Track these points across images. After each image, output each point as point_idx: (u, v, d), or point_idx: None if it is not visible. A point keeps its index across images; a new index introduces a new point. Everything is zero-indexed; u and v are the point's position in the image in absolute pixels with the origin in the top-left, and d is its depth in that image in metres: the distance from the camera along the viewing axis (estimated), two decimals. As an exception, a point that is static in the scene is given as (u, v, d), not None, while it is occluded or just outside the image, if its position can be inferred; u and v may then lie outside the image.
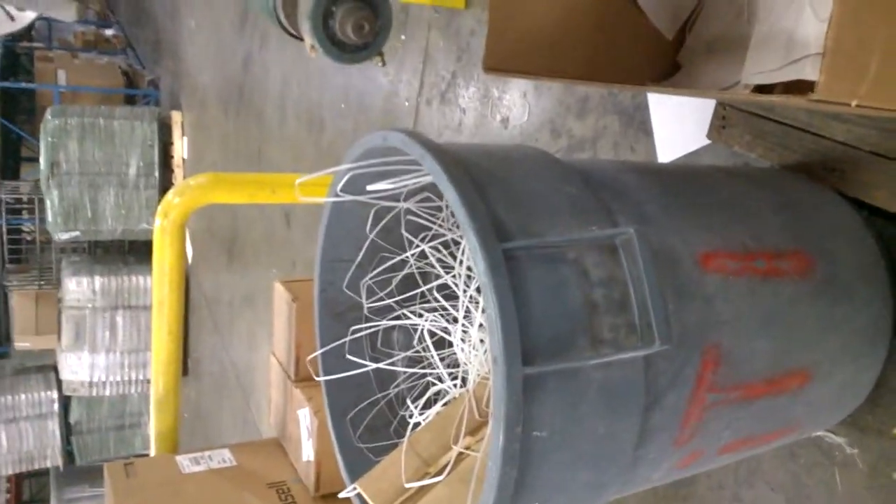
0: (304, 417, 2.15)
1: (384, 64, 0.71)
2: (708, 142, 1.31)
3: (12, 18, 5.33)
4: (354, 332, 1.00)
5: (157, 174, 5.58)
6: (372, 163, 0.87)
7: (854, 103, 0.66)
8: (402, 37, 2.29)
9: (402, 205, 0.97)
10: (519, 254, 0.66)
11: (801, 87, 1.03)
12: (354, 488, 0.83)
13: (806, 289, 0.89)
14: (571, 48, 1.14)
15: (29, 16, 5.40)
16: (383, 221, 0.99)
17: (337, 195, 0.92)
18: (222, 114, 4.78)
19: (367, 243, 1.00)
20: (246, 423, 4.51)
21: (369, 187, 0.84)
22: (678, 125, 1.41)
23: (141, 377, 6.03)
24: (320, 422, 2.03)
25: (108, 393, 6.03)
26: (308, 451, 2.13)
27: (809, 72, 0.98)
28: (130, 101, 6.82)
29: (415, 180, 0.80)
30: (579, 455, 0.70)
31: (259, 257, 4.22)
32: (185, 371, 5.90)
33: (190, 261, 5.54)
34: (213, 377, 5.37)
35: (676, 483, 1.43)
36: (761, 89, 1.07)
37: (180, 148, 5.66)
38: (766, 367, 0.84)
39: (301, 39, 0.68)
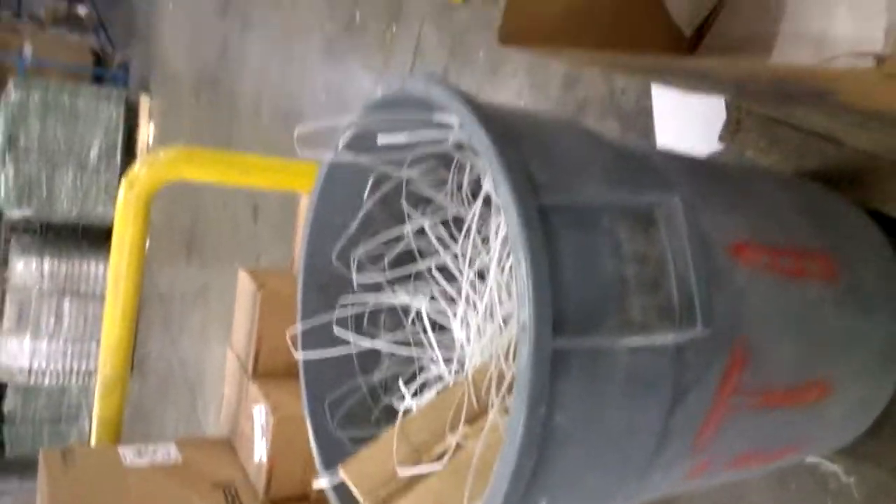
0: (260, 415, 2.04)
1: None
2: (714, 148, 1.26)
3: None
4: (342, 305, 0.91)
5: (118, 158, 5.41)
6: (379, 119, 0.79)
7: (925, 81, 0.60)
8: (394, 28, 2.23)
9: (405, 172, 0.89)
10: (552, 213, 0.59)
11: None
12: (335, 475, 0.74)
13: (831, 294, 0.84)
14: (585, 37, 1.08)
15: None
16: (382, 190, 0.92)
17: (338, 153, 0.84)
18: (194, 100, 4.65)
19: (362, 212, 0.92)
20: (190, 425, 4.35)
21: (381, 138, 0.76)
22: (684, 130, 1.36)
23: (84, 368, 5.80)
24: (276, 420, 1.92)
25: (47, 382, 5.78)
26: (260, 451, 2.01)
27: (842, 71, 0.94)
28: (98, 81, 6.61)
29: (433, 136, 0.72)
30: (597, 451, 0.62)
31: (220, 251, 4.09)
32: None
33: (145, 252, 5.36)
34: (159, 375, 5.18)
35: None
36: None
37: (146, 133, 5.50)
38: (791, 374, 0.79)
39: None
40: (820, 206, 0.96)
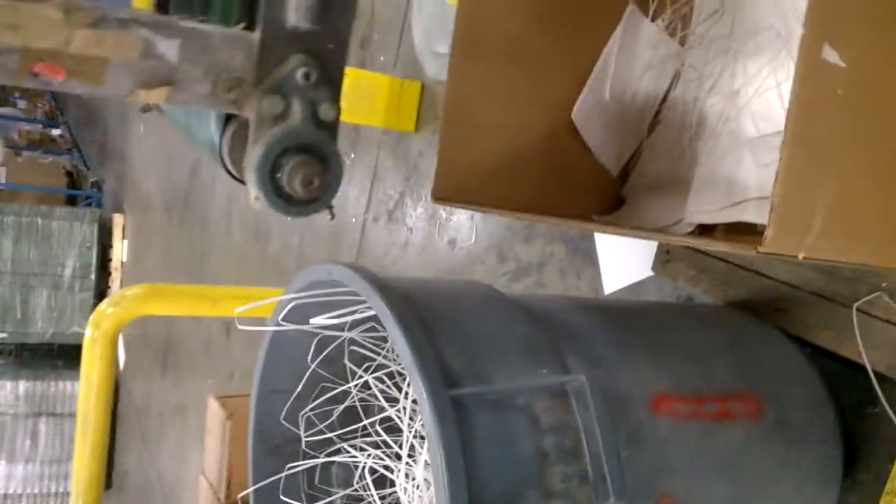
0: (233, 545, 2.02)
1: (333, 217, 0.70)
2: (648, 276, 1.32)
3: None
4: (290, 468, 0.94)
5: (93, 276, 5.44)
6: (316, 294, 0.84)
7: (801, 256, 0.66)
8: (352, 155, 2.32)
9: (346, 334, 0.94)
10: (467, 400, 0.63)
11: (742, 228, 1.05)
12: None
13: (758, 431, 0.88)
14: (519, 181, 1.15)
15: None
16: (326, 351, 0.96)
17: (278, 324, 0.89)
18: (166, 219, 4.72)
19: (307, 373, 0.95)
20: (170, 545, 4.24)
21: (312, 320, 0.80)
22: (623, 256, 1.43)
23: (61, 490, 5.68)
24: (250, 551, 1.90)
25: (22, 507, 5.64)
26: (235, 584, 1.99)
27: (751, 214, 1.01)
28: (72, 201, 6.71)
29: (359, 315, 0.77)
30: None
31: (195, 367, 4.08)
32: (109, 484, 5.57)
33: (122, 367, 5.32)
34: (139, 492, 5.07)
35: None
36: (704, 228, 1.09)
37: (119, 251, 5.54)
38: (720, 516, 0.82)
39: (243, 183, 0.66)
40: (744, 340, 1.01)
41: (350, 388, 0.97)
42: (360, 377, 0.96)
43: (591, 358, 0.77)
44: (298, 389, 0.96)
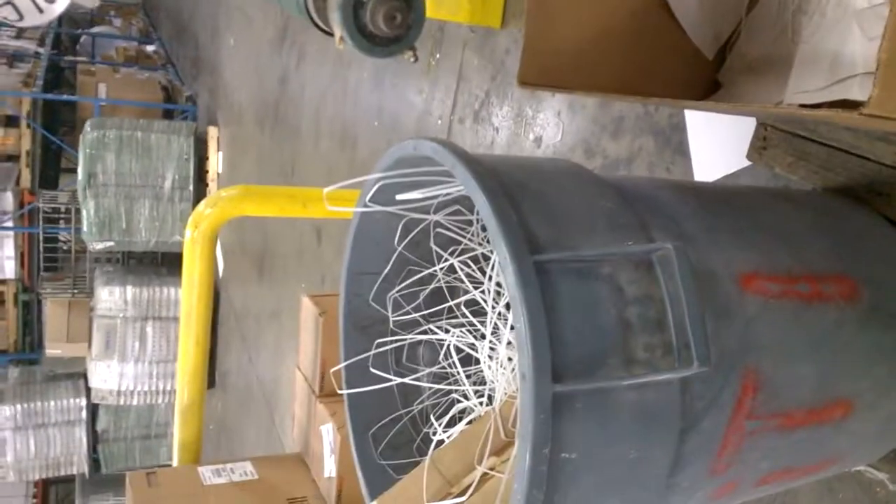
0: (328, 433, 2.13)
1: (416, 59, 0.70)
2: (746, 164, 1.28)
3: (41, 10, 5.32)
4: (379, 345, 0.97)
5: (191, 188, 5.65)
6: (402, 173, 0.85)
7: (908, 119, 0.63)
8: (437, 55, 2.29)
9: (432, 217, 0.95)
10: (551, 267, 0.64)
11: (846, 107, 0.99)
12: (374, 506, 0.80)
13: (852, 315, 0.85)
14: (608, 65, 1.12)
15: (58, 8, 5.37)
16: (412, 234, 0.97)
17: (366, 205, 0.90)
18: (258, 129, 4.83)
19: (394, 256, 0.98)
20: (270, 437, 4.51)
21: (399, 197, 0.82)
22: (716, 146, 1.38)
23: (168, 387, 6.07)
24: (343, 438, 2.01)
25: (135, 402, 6.07)
26: (330, 467, 2.11)
27: (857, 91, 0.95)
28: (168, 115, 6.92)
29: (446, 191, 0.78)
30: (610, 480, 0.66)
31: (288, 272, 4.23)
32: (212, 383, 5.94)
33: (221, 274, 5.58)
34: (239, 390, 5.38)
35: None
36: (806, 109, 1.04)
37: (215, 162, 5.72)
38: (809, 395, 0.81)
39: (331, 34, 0.67)
40: (843, 224, 0.97)
41: (436, 270, 0.99)
42: (446, 260, 0.98)
43: (678, 234, 0.76)
44: (385, 271, 0.99)
